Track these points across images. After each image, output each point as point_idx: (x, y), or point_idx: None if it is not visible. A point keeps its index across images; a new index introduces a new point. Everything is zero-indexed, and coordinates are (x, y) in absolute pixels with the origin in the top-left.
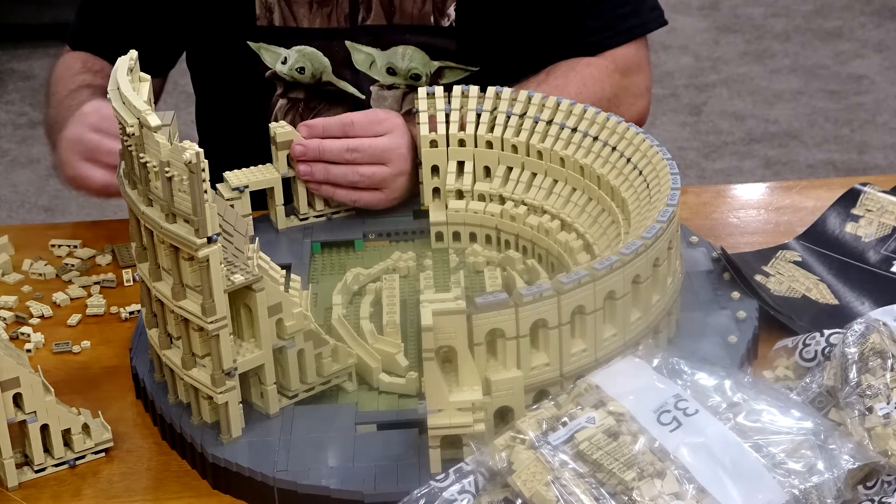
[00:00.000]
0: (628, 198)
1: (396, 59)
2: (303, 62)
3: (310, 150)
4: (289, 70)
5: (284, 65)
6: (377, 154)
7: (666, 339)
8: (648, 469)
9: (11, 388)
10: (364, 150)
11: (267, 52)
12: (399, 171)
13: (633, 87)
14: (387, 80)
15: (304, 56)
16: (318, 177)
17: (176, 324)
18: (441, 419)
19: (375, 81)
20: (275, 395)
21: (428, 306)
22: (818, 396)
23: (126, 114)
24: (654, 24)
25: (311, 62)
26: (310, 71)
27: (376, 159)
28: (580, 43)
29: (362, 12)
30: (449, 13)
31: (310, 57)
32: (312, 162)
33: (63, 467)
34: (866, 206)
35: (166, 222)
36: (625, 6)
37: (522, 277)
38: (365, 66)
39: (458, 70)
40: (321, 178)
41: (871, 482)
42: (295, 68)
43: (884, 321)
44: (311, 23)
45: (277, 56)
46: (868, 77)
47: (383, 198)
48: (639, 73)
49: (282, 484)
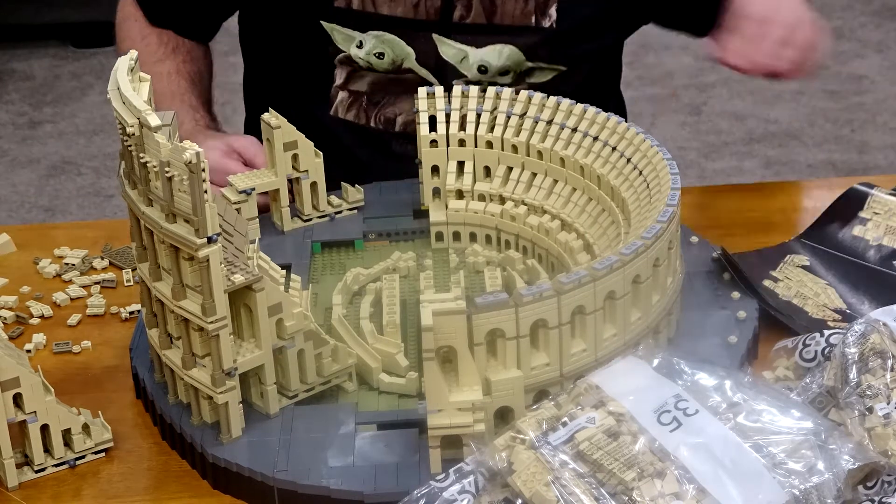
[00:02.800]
0: (628, 198)
1: (492, 56)
2: (382, 48)
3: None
4: (366, 55)
5: (361, 48)
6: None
7: (666, 339)
8: (648, 469)
9: (11, 388)
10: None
11: (339, 34)
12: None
13: None
14: (475, 77)
15: (385, 42)
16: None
17: (176, 324)
18: (441, 419)
19: (459, 76)
20: (275, 395)
21: (428, 306)
22: (818, 396)
23: (126, 114)
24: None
25: (392, 48)
26: (390, 57)
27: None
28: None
29: (460, 10)
30: (550, 13)
31: (391, 44)
32: None
33: (63, 467)
34: (874, 208)
35: (166, 222)
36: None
37: (522, 277)
38: (456, 59)
39: (547, 70)
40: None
41: (871, 482)
42: (374, 53)
43: (884, 321)
44: (392, 10)
45: (351, 39)
46: (868, 77)
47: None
48: None
49: (282, 484)
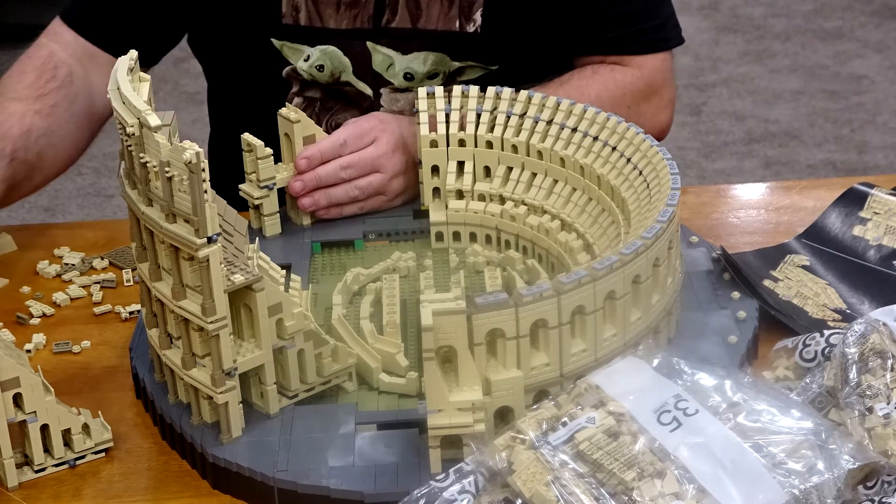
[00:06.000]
0: (628, 198)
1: (417, 63)
2: (323, 60)
3: (308, 183)
4: (308, 67)
5: (306, 62)
6: (368, 164)
7: (666, 339)
8: (648, 469)
9: (11, 388)
10: (355, 164)
11: (291, 51)
12: (393, 174)
13: (656, 98)
14: (402, 85)
15: (325, 54)
16: (322, 203)
17: (176, 324)
18: (441, 419)
19: (391, 84)
20: (275, 395)
21: (428, 306)
22: (818, 396)
23: (126, 114)
24: (676, 42)
25: (330, 60)
26: (329, 69)
27: (369, 169)
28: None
29: (387, 14)
30: (475, 18)
31: (330, 55)
32: (313, 191)
33: (63, 467)
34: (874, 208)
35: (166, 222)
36: (654, 19)
37: (522, 277)
38: (382, 68)
39: (477, 68)
40: (325, 204)
41: (871, 482)
42: (314, 66)
43: (884, 321)
44: (338, 23)
45: (301, 54)
46: (868, 77)
47: (386, 200)
48: (665, 84)
49: (282, 484)
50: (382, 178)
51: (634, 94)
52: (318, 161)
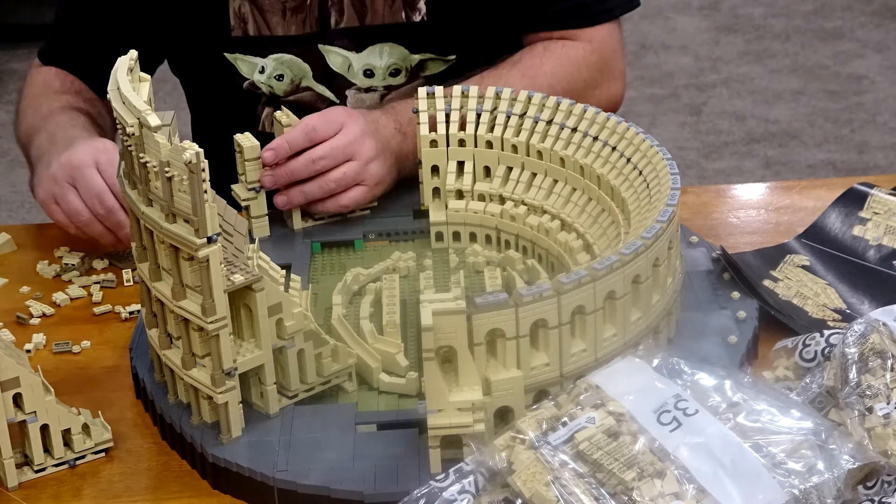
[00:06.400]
0: (628, 198)
1: (374, 58)
2: (281, 70)
3: (279, 178)
4: (266, 79)
5: (262, 74)
6: (341, 153)
7: (666, 339)
8: (648, 469)
9: (11, 388)
10: (327, 154)
11: (243, 63)
12: (367, 159)
13: (608, 70)
14: (364, 83)
15: (283, 63)
16: (297, 200)
17: (176, 324)
18: (441, 419)
19: (350, 85)
20: (275, 395)
21: (428, 306)
22: (818, 396)
23: (126, 114)
24: (620, 10)
25: (289, 69)
26: (288, 77)
27: (342, 157)
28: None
29: (334, 15)
30: (420, 7)
31: (288, 64)
32: (286, 189)
33: (63, 467)
34: (874, 208)
35: (166, 222)
36: None
37: (522, 277)
38: (343, 69)
39: (439, 61)
40: (301, 201)
41: (871, 482)
42: (273, 76)
43: (884, 321)
44: (286, 30)
45: (254, 66)
46: (868, 77)
47: (367, 190)
48: (615, 56)
49: (282, 484)
50: (357, 164)
51: (589, 67)
52: (285, 151)
